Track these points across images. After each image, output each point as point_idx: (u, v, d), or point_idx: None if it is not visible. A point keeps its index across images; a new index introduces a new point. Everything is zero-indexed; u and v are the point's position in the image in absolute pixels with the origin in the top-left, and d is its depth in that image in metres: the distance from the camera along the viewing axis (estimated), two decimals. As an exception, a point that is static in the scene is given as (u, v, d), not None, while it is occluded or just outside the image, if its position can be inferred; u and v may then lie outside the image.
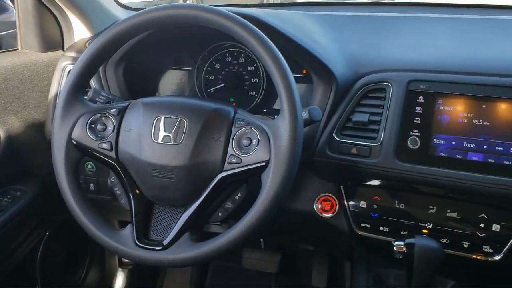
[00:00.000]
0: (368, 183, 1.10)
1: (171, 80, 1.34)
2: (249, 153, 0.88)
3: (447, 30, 1.23)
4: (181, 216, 0.91)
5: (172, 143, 0.90)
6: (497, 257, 1.01)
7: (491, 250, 1.01)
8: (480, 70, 1.03)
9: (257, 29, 0.86)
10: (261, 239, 1.60)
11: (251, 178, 0.92)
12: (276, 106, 1.25)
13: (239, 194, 0.97)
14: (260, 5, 1.95)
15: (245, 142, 0.89)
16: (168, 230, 0.92)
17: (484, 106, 0.99)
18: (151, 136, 0.91)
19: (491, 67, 1.03)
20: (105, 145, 0.94)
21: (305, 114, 0.93)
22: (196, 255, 0.86)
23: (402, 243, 0.95)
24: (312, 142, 1.09)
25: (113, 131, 0.95)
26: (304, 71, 1.19)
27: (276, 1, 3.14)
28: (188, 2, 2.94)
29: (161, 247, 0.88)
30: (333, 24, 1.26)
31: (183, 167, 0.89)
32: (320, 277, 1.61)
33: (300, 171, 0.89)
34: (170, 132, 0.91)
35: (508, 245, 1.00)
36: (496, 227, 1.01)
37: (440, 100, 1.01)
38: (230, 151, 0.89)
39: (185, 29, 1.19)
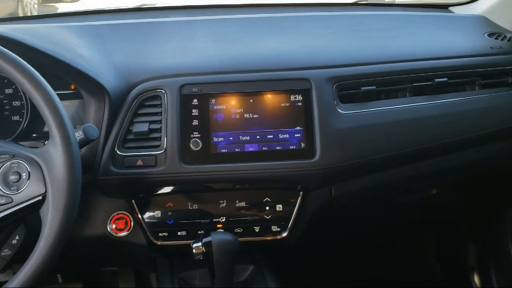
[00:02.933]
0: (160, 191, 1.09)
1: None
2: (20, 190, 0.78)
3: (208, 31, 1.29)
4: None
5: None
6: (284, 234, 1.11)
7: (278, 229, 1.11)
8: (242, 68, 1.11)
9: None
10: (58, 274, 1.45)
11: (28, 217, 0.82)
12: (47, 129, 1.14)
13: (17, 237, 0.86)
14: (11, 19, 1.73)
15: (13, 178, 0.79)
16: None
17: (251, 101, 1.07)
18: None
19: (250, 64, 1.12)
20: None
21: (79, 134, 0.87)
22: None
23: (200, 243, 0.97)
24: (93, 162, 1.03)
25: None
26: (73, 87, 1.11)
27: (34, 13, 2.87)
28: None
29: None
30: (94, 35, 1.20)
31: None
32: (128, 294, 1.56)
33: (85, 195, 0.83)
34: None
35: (291, 221, 1.11)
36: (279, 207, 1.11)
37: (213, 100, 1.07)
38: None
39: None
